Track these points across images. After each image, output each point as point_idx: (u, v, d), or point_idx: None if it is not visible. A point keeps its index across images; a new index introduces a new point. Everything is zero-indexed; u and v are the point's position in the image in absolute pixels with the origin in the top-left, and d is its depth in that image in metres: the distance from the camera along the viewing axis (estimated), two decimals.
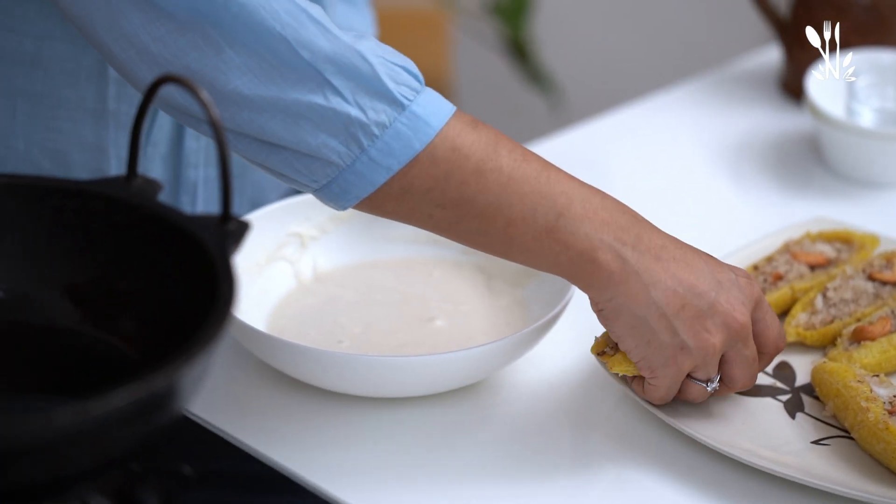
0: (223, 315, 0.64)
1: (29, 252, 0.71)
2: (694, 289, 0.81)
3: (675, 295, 0.80)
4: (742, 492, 0.84)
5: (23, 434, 0.57)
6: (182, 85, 0.69)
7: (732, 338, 0.83)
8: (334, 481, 0.83)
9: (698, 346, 0.82)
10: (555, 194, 0.80)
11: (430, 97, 0.80)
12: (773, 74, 1.33)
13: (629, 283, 0.80)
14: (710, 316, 0.81)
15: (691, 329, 0.81)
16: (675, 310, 0.81)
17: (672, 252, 0.82)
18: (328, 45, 0.78)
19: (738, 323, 0.82)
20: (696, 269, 0.82)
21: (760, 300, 0.85)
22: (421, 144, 0.79)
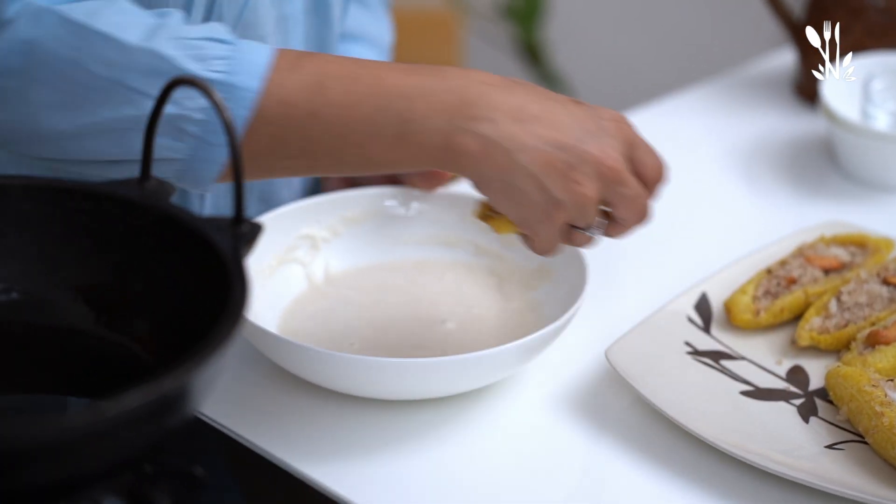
0: (235, 317, 0.64)
1: (43, 253, 0.71)
2: (559, 143, 0.80)
3: (540, 154, 0.80)
4: (755, 496, 0.84)
5: (37, 435, 0.57)
6: (194, 86, 0.69)
7: (606, 184, 0.82)
8: (343, 483, 0.83)
9: (572, 200, 0.81)
10: (393, 102, 0.80)
11: (242, 57, 0.80)
12: (787, 77, 1.32)
13: (492, 155, 0.80)
14: (578, 167, 0.81)
15: (562, 184, 0.81)
16: (542, 168, 0.80)
17: (531, 110, 0.81)
18: (121, 56, 0.79)
19: (609, 168, 0.81)
20: (559, 122, 0.81)
21: (633, 140, 0.84)
22: (247, 111, 0.80)
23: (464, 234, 1.01)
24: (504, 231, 0.86)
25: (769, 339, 0.96)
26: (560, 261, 0.96)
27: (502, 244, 1.00)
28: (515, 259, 1.00)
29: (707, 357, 0.93)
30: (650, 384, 0.89)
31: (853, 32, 1.24)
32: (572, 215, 0.83)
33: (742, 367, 0.93)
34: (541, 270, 0.98)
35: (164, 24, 0.81)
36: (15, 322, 0.71)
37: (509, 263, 1.00)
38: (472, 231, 1.01)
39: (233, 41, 0.81)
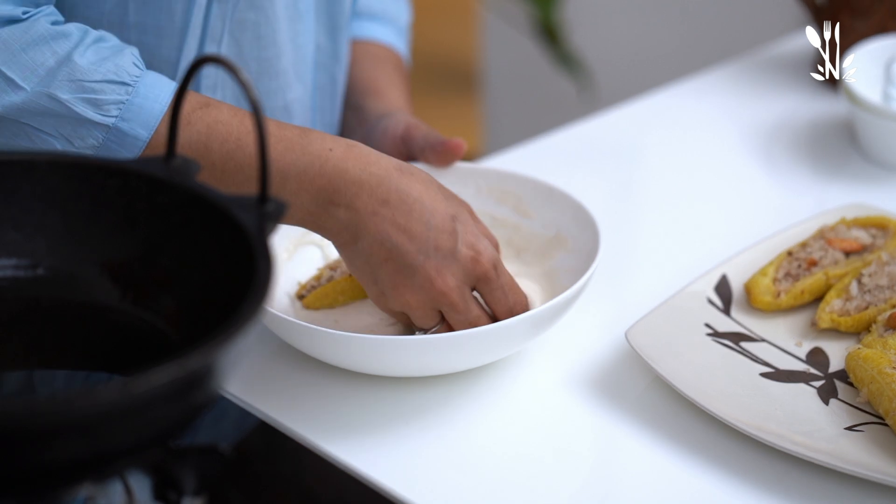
0: (261, 294, 0.64)
1: (71, 230, 0.72)
2: (400, 247, 0.86)
3: (380, 248, 0.86)
4: (775, 477, 0.84)
5: (66, 412, 0.57)
6: (221, 65, 0.69)
7: (432, 301, 0.87)
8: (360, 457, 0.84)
9: (396, 301, 0.88)
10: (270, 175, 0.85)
11: (138, 104, 0.86)
12: (808, 59, 1.32)
13: (341, 235, 0.87)
14: (409, 276, 0.87)
15: (391, 282, 0.87)
16: (378, 261, 0.87)
17: (395, 209, 0.87)
18: (18, 97, 0.85)
19: (436, 290, 0.87)
20: (414, 231, 0.86)
21: (485, 277, 0.88)
22: (133, 156, 0.86)
23: (480, 207, 1.01)
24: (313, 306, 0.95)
25: (789, 321, 0.96)
26: (574, 229, 0.97)
27: (519, 214, 1.01)
28: (532, 229, 1.00)
29: (727, 339, 0.94)
30: (670, 365, 0.89)
31: (876, 14, 1.23)
32: (400, 311, 0.89)
33: (762, 349, 0.93)
34: (557, 238, 0.99)
35: (68, 63, 0.85)
36: (41, 298, 0.72)
37: (525, 234, 1.00)
38: (488, 203, 1.01)
39: (133, 83, 0.86)
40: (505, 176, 1.02)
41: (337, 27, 1.04)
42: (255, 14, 0.96)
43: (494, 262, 0.89)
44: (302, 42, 1.01)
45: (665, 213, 1.12)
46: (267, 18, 0.97)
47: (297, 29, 1.00)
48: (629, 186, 1.18)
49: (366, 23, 1.13)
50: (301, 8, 1.00)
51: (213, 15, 0.94)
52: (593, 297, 0.97)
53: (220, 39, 0.96)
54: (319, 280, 0.95)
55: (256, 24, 0.97)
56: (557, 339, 0.95)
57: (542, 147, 1.21)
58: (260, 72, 0.99)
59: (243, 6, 0.96)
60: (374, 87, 1.09)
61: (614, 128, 1.24)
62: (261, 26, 0.97)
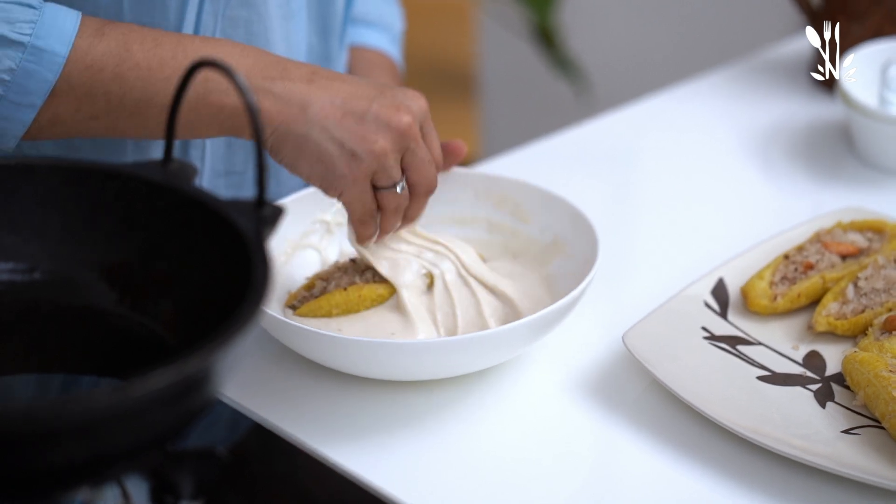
0: (259, 298, 0.64)
1: (68, 234, 0.72)
2: (352, 97, 0.85)
3: (332, 107, 0.85)
4: (771, 480, 0.84)
5: (63, 415, 0.57)
6: (217, 69, 0.69)
7: (399, 139, 0.86)
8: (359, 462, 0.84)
9: (366, 151, 0.85)
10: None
11: (50, 20, 0.84)
12: (805, 63, 1.32)
13: (285, 112, 0.85)
14: (372, 120, 0.85)
15: (355, 135, 0.85)
16: (335, 120, 0.85)
17: (325, 74, 0.86)
18: None
19: (402, 123, 0.85)
20: (354, 82, 0.86)
21: (426, 114, 0.88)
22: (54, 75, 0.84)
23: (477, 212, 1.01)
24: (308, 314, 0.92)
25: (786, 325, 0.96)
26: (572, 235, 0.97)
27: (516, 220, 1.01)
28: (530, 234, 1.00)
29: (724, 342, 0.94)
30: (667, 368, 0.89)
31: (872, 18, 1.23)
32: (372, 168, 0.86)
33: (759, 353, 0.93)
34: (555, 243, 0.99)
35: None
36: (39, 301, 0.72)
37: (523, 239, 1.01)
38: (486, 208, 1.01)
39: (38, 6, 0.85)
40: (503, 181, 1.02)
41: (329, 28, 1.05)
42: (247, 11, 0.97)
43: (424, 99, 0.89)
44: (294, 41, 1.02)
45: (662, 216, 1.12)
46: (259, 16, 0.97)
47: (289, 28, 1.01)
48: (626, 190, 1.18)
49: (361, 29, 1.13)
50: (293, 7, 1.00)
51: (206, 11, 0.95)
52: (591, 300, 0.98)
53: (212, 36, 0.96)
54: (311, 290, 0.95)
55: (248, 21, 0.97)
56: (555, 342, 0.95)
57: (539, 151, 1.21)
58: None
59: (235, 3, 0.96)
60: None
61: (611, 131, 1.25)
62: (253, 24, 0.97)
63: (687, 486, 0.84)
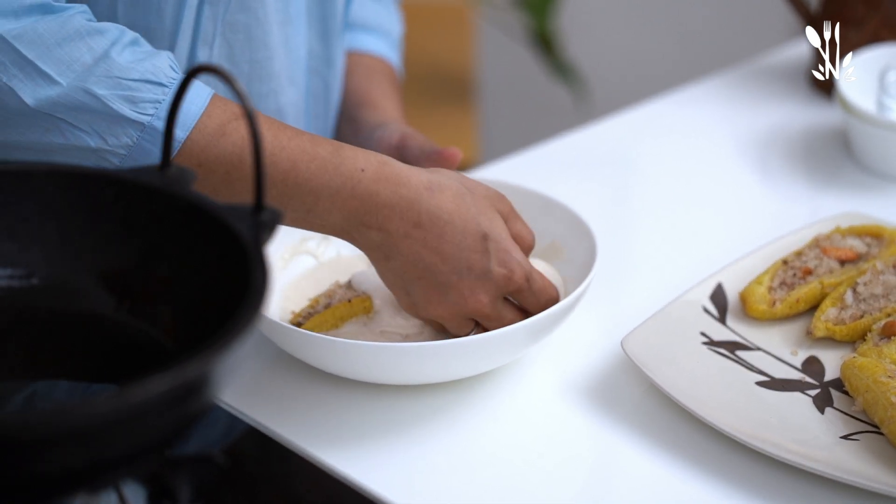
0: (257, 303, 0.64)
1: (66, 239, 0.72)
2: (433, 267, 0.88)
3: (413, 268, 0.88)
4: (770, 486, 0.84)
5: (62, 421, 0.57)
6: (216, 75, 0.69)
7: (466, 316, 0.89)
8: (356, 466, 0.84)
9: (428, 312, 0.90)
10: (302, 194, 0.86)
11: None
12: (803, 68, 1.32)
13: (374, 252, 0.88)
14: (443, 294, 0.88)
15: (424, 297, 0.89)
16: (410, 278, 0.88)
17: (427, 231, 0.88)
18: (54, 91, 0.84)
19: (469, 308, 0.89)
20: (446, 252, 0.88)
21: (518, 290, 0.90)
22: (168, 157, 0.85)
23: None
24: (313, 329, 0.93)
25: (785, 330, 0.96)
26: (570, 239, 0.97)
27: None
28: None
29: (722, 347, 0.94)
30: (665, 374, 0.89)
31: (869, 24, 1.23)
32: (438, 321, 0.90)
33: (757, 358, 0.93)
34: (553, 248, 0.99)
35: (106, 59, 0.84)
36: (37, 307, 0.72)
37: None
38: None
39: (170, 84, 0.85)
40: (500, 186, 1.02)
41: (329, 33, 1.05)
42: (247, 16, 0.97)
43: (527, 274, 0.90)
44: (294, 46, 1.02)
45: (661, 221, 1.13)
46: (258, 21, 0.97)
47: (288, 33, 1.01)
48: (625, 195, 1.18)
49: (359, 35, 1.13)
50: (292, 12, 1.00)
51: (205, 16, 0.95)
52: (589, 305, 0.98)
53: (211, 41, 0.96)
54: (315, 307, 0.95)
55: (248, 26, 0.97)
56: (554, 347, 0.95)
57: (537, 156, 1.21)
58: (251, 74, 0.99)
59: (234, 8, 0.96)
60: (368, 99, 1.09)
61: (609, 137, 1.25)
62: (252, 28, 0.97)
63: (685, 491, 0.84)
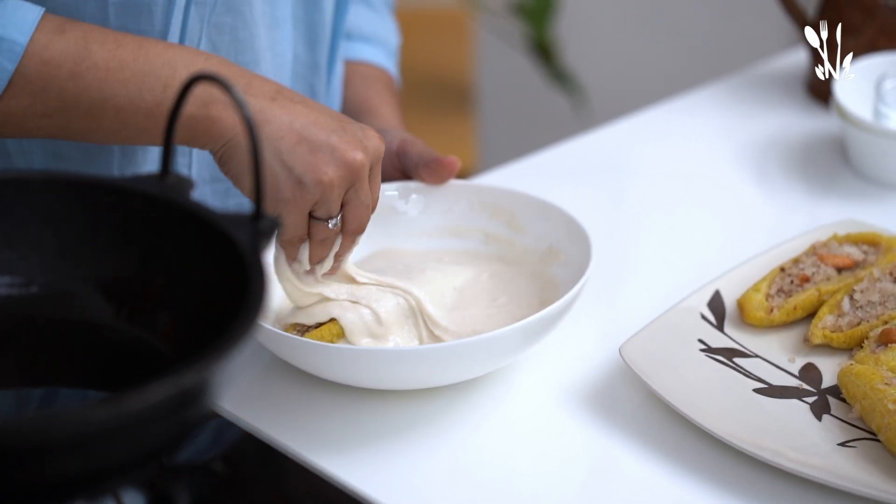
0: (255, 311, 0.65)
1: (65, 248, 0.72)
2: (311, 124, 0.84)
3: (290, 130, 0.84)
4: (768, 493, 0.84)
5: (59, 429, 0.57)
6: (214, 82, 0.70)
7: (348, 176, 0.85)
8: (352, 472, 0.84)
9: (315, 181, 0.84)
10: (157, 68, 0.84)
11: (11, 11, 0.83)
12: (800, 76, 1.33)
13: (240, 124, 0.84)
14: (327, 152, 0.84)
15: (307, 163, 0.84)
16: (289, 144, 0.84)
17: (289, 95, 0.85)
18: None
19: (355, 160, 0.85)
20: (317, 109, 0.85)
21: (379, 156, 0.87)
22: (12, 64, 0.83)
23: (473, 223, 1.01)
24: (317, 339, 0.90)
25: (782, 337, 0.96)
26: (567, 242, 0.97)
27: (512, 230, 1.01)
28: (525, 244, 1.01)
29: (720, 354, 0.94)
30: (663, 381, 0.89)
31: (867, 32, 1.24)
32: (315, 198, 0.85)
33: (755, 365, 0.93)
34: (550, 252, 0.99)
35: None
36: (35, 316, 0.72)
37: (519, 249, 1.01)
38: (481, 219, 1.02)
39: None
40: (497, 192, 1.02)
41: (316, 39, 1.05)
42: (233, 18, 0.97)
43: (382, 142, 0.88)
44: (280, 50, 1.02)
45: (659, 228, 1.13)
46: (245, 23, 0.97)
47: (274, 37, 1.01)
48: (622, 202, 1.19)
49: (357, 44, 1.14)
50: (279, 16, 1.01)
51: (191, 18, 0.94)
52: (587, 311, 0.98)
53: (197, 43, 0.96)
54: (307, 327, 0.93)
55: (234, 28, 0.97)
56: (551, 353, 0.95)
57: (535, 163, 1.21)
58: None
59: (220, 10, 0.96)
60: (367, 107, 1.10)
61: (608, 144, 1.25)
62: (238, 30, 0.97)
63: (682, 497, 0.84)
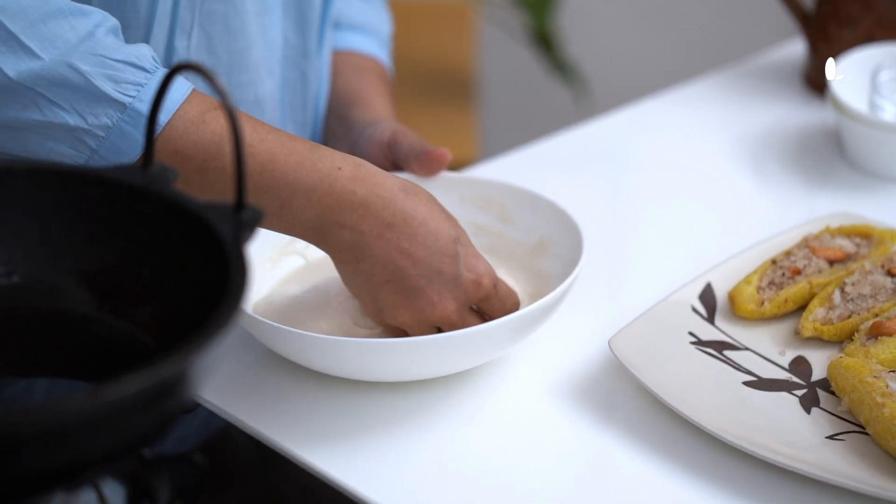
0: (234, 303, 0.64)
1: (47, 238, 0.72)
2: (403, 271, 0.87)
3: (383, 270, 0.87)
4: (756, 486, 0.84)
5: (34, 420, 0.57)
6: (197, 72, 0.69)
7: (431, 322, 0.89)
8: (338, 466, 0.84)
9: (393, 317, 0.89)
10: (277, 189, 0.86)
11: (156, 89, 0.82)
12: (797, 68, 1.32)
13: (344, 253, 0.87)
14: (411, 299, 0.88)
15: (390, 302, 0.88)
16: (379, 282, 0.87)
17: (400, 232, 0.87)
18: (36, 65, 0.83)
19: (437, 315, 0.88)
20: (417, 255, 0.87)
21: (486, 297, 0.90)
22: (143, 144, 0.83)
23: (464, 216, 1.01)
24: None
25: (773, 330, 0.96)
26: (558, 234, 0.97)
27: (502, 222, 1.01)
28: (516, 236, 1.00)
29: (710, 347, 0.94)
30: (653, 374, 0.89)
31: (863, 23, 1.23)
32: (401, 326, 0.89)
33: (745, 358, 0.93)
34: (541, 244, 0.99)
35: (91, 38, 0.84)
36: (17, 306, 0.72)
37: (510, 241, 1.01)
38: (472, 212, 1.02)
39: (153, 70, 0.85)
40: (488, 184, 1.02)
41: (306, 23, 1.04)
42: (224, 5, 0.96)
43: (494, 280, 0.90)
44: (271, 36, 1.02)
45: (654, 220, 1.12)
46: (236, 10, 0.97)
47: (265, 22, 1.01)
48: (618, 193, 1.18)
49: (348, 34, 1.13)
50: (268, 2, 1.00)
51: (182, 6, 0.94)
52: (580, 303, 0.98)
53: (189, 31, 0.96)
54: None
55: (226, 15, 0.97)
56: (542, 345, 0.95)
57: (532, 154, 1.21)
58: (231, 64, 0.99)
59: None
60: (359, 97, 1.09)
61: (604, 135, 1.25)
62: (230, 18, 0.97)
63: (671, 490, 0.84)
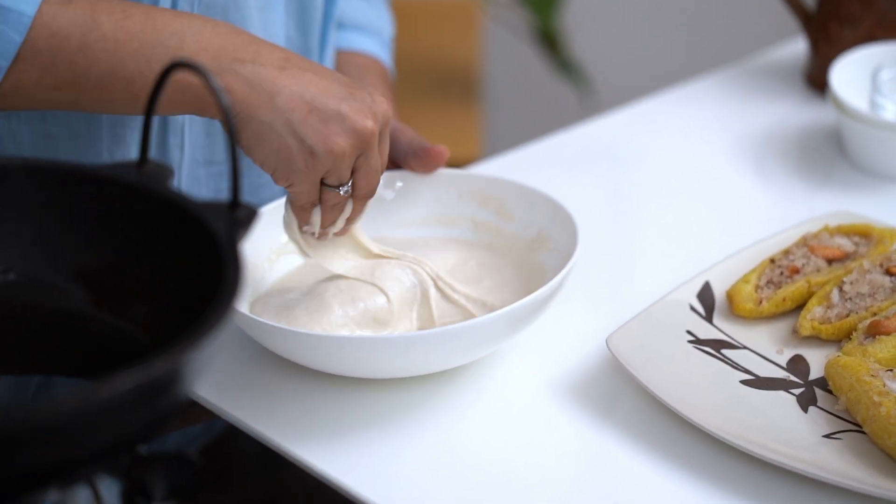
0: (228, 301, 0.64)
1: (43, 236, 0.72)
2: (322, 94, 0.84)
3: (301, 100, 0.83)
4: (753, 485, 0.84)
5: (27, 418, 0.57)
6: (191, 70, 0.69)
7: (359, 144, 0.85)
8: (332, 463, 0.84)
9: (326, 151, 0.85)
10: (164, 39, 0.83)
11: None
12: (799, 67, 1.32)
13: (251, 96, 0.84)
14: (338, 121, 0.84)
15: (319, 133, 0.84)
16: (301, 115, 0.84)
17: (298, 63, 0.85)
18: None
19: (367, 130, 0.85)
20: (326, 77, 0.85)
21: (387, 124, 0.87)
22: (20, 36, 0.82)
23: (461, 212, 1.01)
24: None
25: (771, 329, 0.96)
26: (554, 229, 0.97)
27: (500, 218, 1.01)
28: (514, 231, 1.00)
29: (708, 346, 0.94)
30: (651, 372, 0.89)
31: (864, 22, 1.23)
32: (326, 167, 0.85)
33: (743, 357, 0.93)
34: (539, 239, 0.99)
35: None
36: (13, 304, 0.72)
37: (508, 236, 1.01)
38: (470, 207, 1.02)
39: None
40: (486, 180, 1.02)
41: (307, 23, 1.04)
42: None
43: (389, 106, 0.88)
44: (272, 33, 1.01)
45: (654, 218, 1.12)
46: (236, 5, 0.97)
47: (266, 19, 1.01)
48: (619, 191, 1.18)
49: (351, 34, 1.13)
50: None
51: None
52: (579, 301, 0.98)
53: None
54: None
55: (225, 8, 0.97)
56: (540, 344, 0.95)
57: (534, 152, 1.21)
58: None
59: None
60: None
61: (605, 133, 1.25)
62: (230, 12, 0.97)
63: (668, 489, 0.84)
